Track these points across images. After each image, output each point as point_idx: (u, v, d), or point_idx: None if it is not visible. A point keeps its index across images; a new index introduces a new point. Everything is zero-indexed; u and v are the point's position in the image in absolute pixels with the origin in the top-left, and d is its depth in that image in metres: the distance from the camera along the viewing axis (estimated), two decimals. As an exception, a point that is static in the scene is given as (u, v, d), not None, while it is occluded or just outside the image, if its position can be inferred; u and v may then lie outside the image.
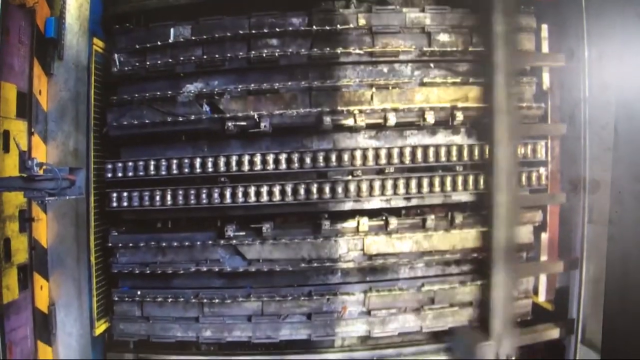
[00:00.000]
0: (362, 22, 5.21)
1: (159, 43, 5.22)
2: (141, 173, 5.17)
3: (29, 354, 4.95)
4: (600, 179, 4.91)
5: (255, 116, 5.04)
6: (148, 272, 5.32)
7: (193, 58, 5.20)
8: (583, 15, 5.04)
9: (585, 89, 5.06)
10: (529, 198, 5.35)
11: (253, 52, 5.14)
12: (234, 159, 5.08)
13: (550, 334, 5.34)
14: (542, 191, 5.39)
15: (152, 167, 5.16)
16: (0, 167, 4.61)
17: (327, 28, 5.11)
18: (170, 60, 5.21)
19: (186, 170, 5.12)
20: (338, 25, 5.12)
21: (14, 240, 4.78)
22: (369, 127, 5.19)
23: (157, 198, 5.16)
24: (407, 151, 5.09)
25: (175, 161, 5.13)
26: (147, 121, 5.20)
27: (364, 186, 5.10)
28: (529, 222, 5.43)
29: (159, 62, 5.24)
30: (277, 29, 5.13)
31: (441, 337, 5.61)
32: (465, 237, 5.29)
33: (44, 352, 5.14)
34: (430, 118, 5.09)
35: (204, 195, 5.12)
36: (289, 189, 5.08)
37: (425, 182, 5.14)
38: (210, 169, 5.09)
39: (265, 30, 5.12)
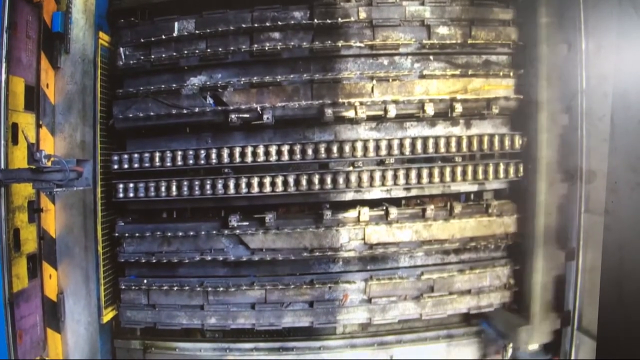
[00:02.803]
0: (362, 15, 5.27)
1: (163, 37, 5.30)
2: (147, 164, 5.27)
3: (39, 341, 5.08)
4: (596, 169, 4.97)
5: (258, 108, 5.12)
6: (154, 261, 5.43)
7: (197, 51, 5.28)
8: (580, 8, 5.08)
9: (582, 80, 5.10)
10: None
11: (256, 45, 5.22)
12: (237, 150, 5.17)
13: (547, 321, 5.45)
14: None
15: (157, 159, 5.25)
16: (10, 159, 4.70)
17: (329, 21, 5.18)
18: (174, 53, 5.30)
19: (190, 161, 5.22)
20: (339, 19, 5.19)
21: (23, 230, 4.89)
22: (370, 118, 5.28)
23: (163, 189, 5.26)
24: (407, 142, 5.18)
25: (180, 153, 5.23)
26: (152, 113, 5.28)
27: (365, 177, 5.18)
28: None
29: (164, 55, 5.33)
30: (280, 23, 5.21)
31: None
32: (464, 227, 5.38)
33: (53, 339, 5.28)
34: (429, 110, 5.16)
35: (208, 186, 5.22)
36: (291, 179, 5.17)
37: (424, 172, 5.23)
38: (214, 161, 5.18)
39: (268, 24, 5.20)
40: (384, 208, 5.37)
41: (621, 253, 4.58)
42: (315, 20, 5.17)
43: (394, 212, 5.30)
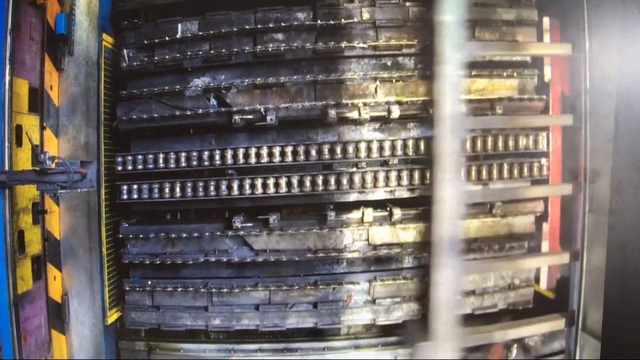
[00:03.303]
0: (365, 16, 5.27)
1: (166, 38, 5.29)
2: (150, 166, 5.26)
3: (44, 342, 5.09)
4: (600, 169, 4.97)
5: (262, 109, 5.12)
6: (158, 262, 5.42)
7: (200, 53, 5.27)
8: (584, 7, 5.08)
9: (586, 80, 5.10)
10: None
11: (259, 46, 5.21)
12: (241, 151, 5.16)
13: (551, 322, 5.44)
14: (544, 182, 5.47)
15: (161, 160, 5.24)
16: (14, 161, 4.70)
17: (332, 22, 5.17)
18: (178, 55, 5.29)
19: (194, 162, 5.21)
20: (342, 20, 5.18)
21: (27, 232, 4.90)
22: (373, 119, 5.27)
23: (166, 190, 5.25)
24: (411, 143, 5.17)
25: (183, 154, 5.22)
26: (155, 115, 5.28)
27: (369, 177, 5.18)
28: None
29: (167, 57, 5.32)
30: (283, 24, 5.20)
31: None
32: (468, 227, 5.37)
33: (58, 340, 5.29)
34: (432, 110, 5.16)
35: (211, 188, 5.21)
36: (295, 180, 5.16)
37: (428, 173, 5.21)
38: (217, 162, 5.17)
39: (271, 25, 5.19)
40: (388, 209, 5.36)
41: (625, 252, 4.61)
42: (319, 21, 5.17)
43: (397, 212, 5.29)
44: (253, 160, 5.16)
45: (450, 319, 4.60)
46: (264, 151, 5.14)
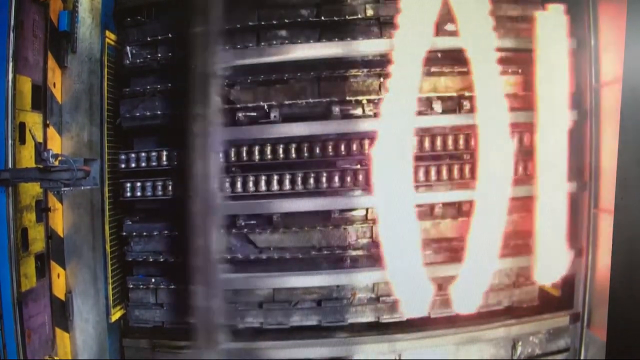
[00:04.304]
0: (369, 12, 5.24)
1: (169, 35, 5.29)
2: (154, 163, 5.27)
3: (47, 340, 5.09)
4: (606, 166, 4.95)
5: (265, 107, 5.11)
6: (162, 260, 5.43)
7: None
8: (589, 4, 5.06)
9: (592, 76, 5.08)
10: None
11: (262, 43, 5.20)
12: (244, 148, 5.15)
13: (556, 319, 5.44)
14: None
15: (164, 157, 5.25)
16: (17, 159, 4.71)
17: (335, 19, 5.15)
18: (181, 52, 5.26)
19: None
20: (346, 16, 5.16)
21: (31, 230, 4.90)
22: (377, 116, 5.22)
23: (170, 188, 5.26)
24: (415, 140, 5.13)
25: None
26: (158, 112, 5.28)
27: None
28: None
29: (170, 54, 5.31)
30: (286, 20, 5.17)
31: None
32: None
33: (62, 338, 5.28)
34: (437, 107, 5.15)
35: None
36: (298, 178, 5.15)
37: (432, 170, 5.19)
38: (221, 159, 5.16)
39: (275, 22, 5.17)
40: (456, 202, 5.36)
41: (631, 249, 4.58)
42: (322, 18, 5.14)
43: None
44: (257, 157, 5.14)
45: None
46: (268, 148, 5.13)
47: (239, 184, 5.16)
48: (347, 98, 5.20)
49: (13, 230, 4.57)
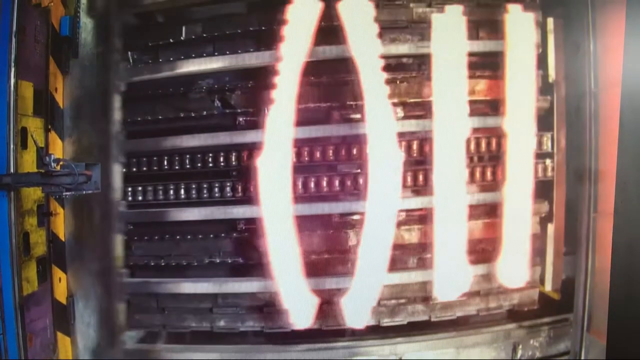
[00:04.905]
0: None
1: (171, 41, 5.32)
2: (155, 167, 5.31)
3: (49, 344, 5.10)
4: (605, 170, 4.96)
5: (265, 111, 5.12)
6: (163, 264, 5.44)
7: (204, 55, 5.26)
8: (588, 8, 5.08)
9: (591, 81, 5.09)
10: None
11: (263, 48, 5.21)
12: (245, 153, 5.17)
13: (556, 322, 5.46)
14: (548, 182, 5.46)
15: (165, 162, 5.29)
16: (19, 164, 4.71)
17: (335, 23, 5.13)
18: (182, 57, 5.30)
19: (199, 164, 5.23)
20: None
21: (32, 234, 4.91)
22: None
23: (171, 192, 5.29)
24: (415, 144, 5.16)
25: (187, 156, 5.24)
26: (160, 117, 5.30)
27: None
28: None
29: (172, 59, 5.33)
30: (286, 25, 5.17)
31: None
32: (473, 228, 5.34)
33: (63, 342, 5.29)
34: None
35: (216, 189, 5.23)
36: (299, 182, 5.16)
37: (311, 181, 5.24)
38: (222, 163, 5.20)
39: (274, 27, 5.17)
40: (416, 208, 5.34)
41: (631, 253, 4.59)
42: (322, 23, 5.15)
43: (402, 214, 5.28)
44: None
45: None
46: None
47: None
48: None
49: (15, 234, 4.57)
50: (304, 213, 5.16)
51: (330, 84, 5.33)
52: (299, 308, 5.13)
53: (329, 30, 5.02)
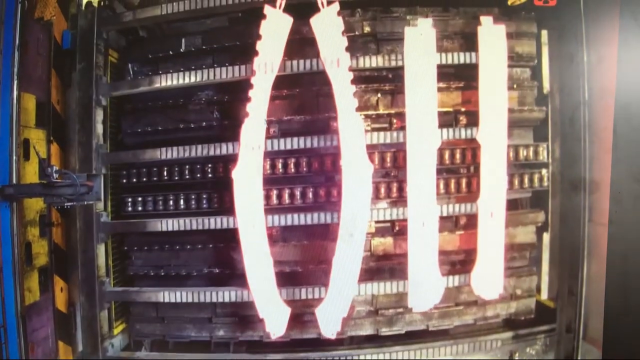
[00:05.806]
0: (367, 29, 5.34)
1: (171, 52, 5.40)
2: (155, 178, 5.36)
3: (50, 353, 5.13)
4: (600, 180, 5.01)
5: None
6: (162, 274, 5.49)
7: (204, 66, 5.32)
8: (582, 20, 5.14)
9: (585, 92, 5.15)
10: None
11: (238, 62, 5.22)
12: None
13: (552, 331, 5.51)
14: (544, 192, 5.52)
15: (165, 172, 5.33)
16: (21, 175, 4.78)
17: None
18: (182, 69, 5.35)
19: (198, 175, 5.29)
20: (344, 33, 5.22)
21: (34, 244, 4.97)
22: (375, 130, 5.27)
23: (171, 202, 5.34)
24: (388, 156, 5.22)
25: (187, 167, 5.30)
26: (160, 128, 5.37)
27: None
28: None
29: (171, 70, 5.38)
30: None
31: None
32: (469, 238, 5.38)
33: (65, 352, 5.34)
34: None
35: (215, 199, 5.29)
36: (297, 192, 5.22)
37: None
38: (221, 174, 5.24)
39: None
40: (391, 220, 5.39)
41: (626, 262, 4.65)
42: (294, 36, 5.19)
43: (375, 224, 5.36)
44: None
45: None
46: (267, 163, 5.17)
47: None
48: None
49: (17, 244, 4.62)
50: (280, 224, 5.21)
51: (303, 97, 5.41)
52: (275, 317, 5.13)
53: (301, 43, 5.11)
